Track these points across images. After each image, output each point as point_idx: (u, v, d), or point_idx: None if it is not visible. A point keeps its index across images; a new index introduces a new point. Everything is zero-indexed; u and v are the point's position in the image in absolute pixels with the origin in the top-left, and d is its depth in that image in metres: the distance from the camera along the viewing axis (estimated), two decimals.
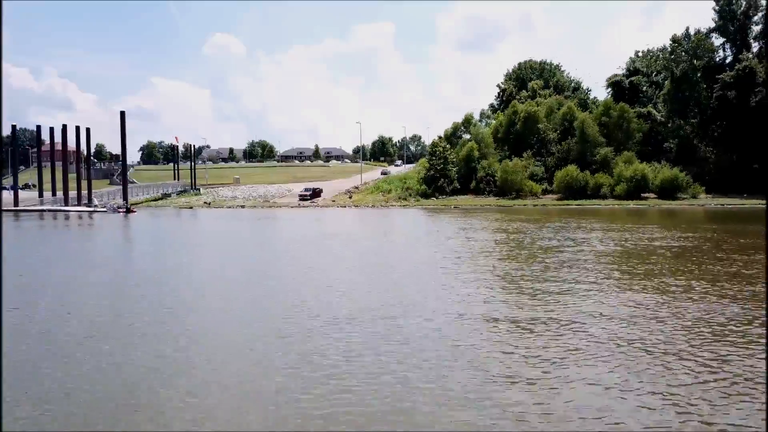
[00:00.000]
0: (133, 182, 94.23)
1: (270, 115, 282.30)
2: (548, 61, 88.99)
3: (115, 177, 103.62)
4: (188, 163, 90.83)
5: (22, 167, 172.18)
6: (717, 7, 57.90)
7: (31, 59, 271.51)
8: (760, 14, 56.69)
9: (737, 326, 9.66)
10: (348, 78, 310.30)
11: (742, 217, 35.95)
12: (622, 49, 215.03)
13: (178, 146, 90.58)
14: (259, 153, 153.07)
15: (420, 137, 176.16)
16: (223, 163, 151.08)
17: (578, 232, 26.74)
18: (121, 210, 50.67)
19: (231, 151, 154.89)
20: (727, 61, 56.45)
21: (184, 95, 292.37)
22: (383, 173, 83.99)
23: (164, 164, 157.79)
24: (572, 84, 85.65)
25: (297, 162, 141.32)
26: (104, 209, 53.09)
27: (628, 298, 12.04)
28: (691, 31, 60.77)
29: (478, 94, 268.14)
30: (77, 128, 63.64)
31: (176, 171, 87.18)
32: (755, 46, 57.37)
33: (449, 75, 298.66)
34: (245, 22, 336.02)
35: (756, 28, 57.65)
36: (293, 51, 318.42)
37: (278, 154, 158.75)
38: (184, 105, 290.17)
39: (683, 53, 58.58)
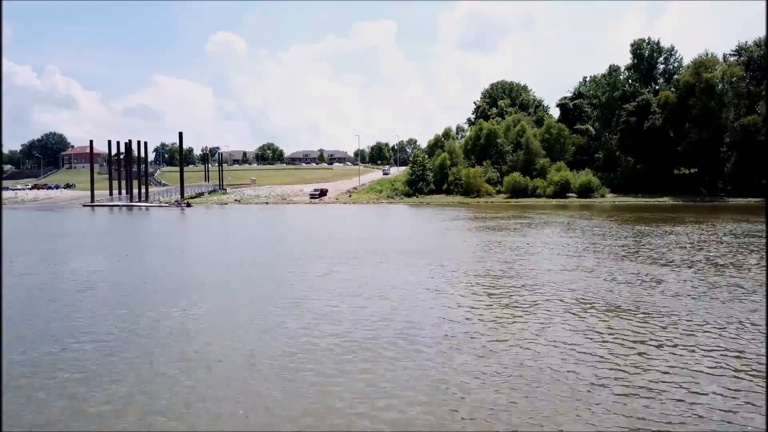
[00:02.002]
0: (166, 184, 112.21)
1: (272, 113, 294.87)
2: (516, 82, 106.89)
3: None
4: (205, 165, 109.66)
5: (52, 168, 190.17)
6: (631, 50, 75.56)
7: (34, 57, 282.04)
8: (662, 57, 74.39)
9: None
10: (349, 76, 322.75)
11: (622, 208, 53.35)
12: (623, 49, 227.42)
13: (207, 153, 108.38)
14: (270, 156, 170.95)
15: (416, 141, 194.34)
16: (237, 165, 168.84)
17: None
18: (182, 205, 68.33)
19: (244, 154, 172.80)
20: (637, 92, 73.99)
21: (187, 93, 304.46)
22: (384, 173, 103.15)
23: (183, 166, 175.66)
24: (534, 102, 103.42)
25: (304, 165, 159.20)
26: (167, 205, 70.84)
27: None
28: (623, 64, 78.77)
29: (478, 93, 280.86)
30: (138, 143, 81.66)
31: (206, 173, 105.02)
32: (660, 81, 75.06)
33: (450, 73, 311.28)
34: (247, 21, 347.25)
35: (661, 67, 75.36)
36: (295, 49, 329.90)
37: (286, 156, 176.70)
38: (187, 103, 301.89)
39: (606, 85, 76.32)
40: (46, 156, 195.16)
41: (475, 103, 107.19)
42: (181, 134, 76.29)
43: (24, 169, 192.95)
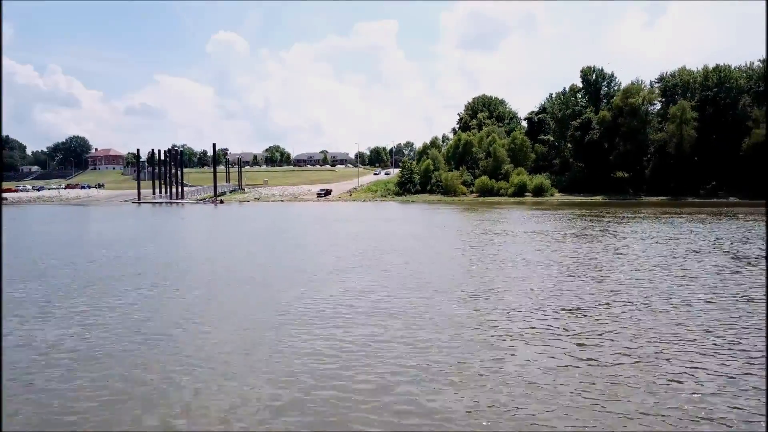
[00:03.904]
0: (190, 184, 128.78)
1: (273, 112, 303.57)
2: (495, 96, 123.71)
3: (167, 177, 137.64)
4: (220, 166, 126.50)
5: (77, 169, 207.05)
6: (581, 75, 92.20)
7: (36, 56, 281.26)
8: (605, 81, 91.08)
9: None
10: (350, 75, 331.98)
11: (564, 203, 69.78)
12: (622, 49, 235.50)
13: (227, 157, 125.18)
14: (278, 158, 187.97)
15: (413, 143, 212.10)
16: (247, 167, 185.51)
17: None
18: (216, 201, 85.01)
19: (255, 157, 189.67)
20: (583, 110, 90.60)
21: (188, 92, 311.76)
22: (386, 173, 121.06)
23: (199, 167, 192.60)
24: (509, 114, 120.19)
25: (309, 166, 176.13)
26: (202, 202, 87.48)
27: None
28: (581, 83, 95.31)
29: (479, 92, 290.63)
30: (174, 150, 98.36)
31: (227, 175, 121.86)
32: (604, 102, 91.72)
33: (451, 73, 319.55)
34: (249, 20, 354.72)
35: (605, 90, 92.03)
36: (296, 48, 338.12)
37: (293, 159, 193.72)
38: (188, 102, 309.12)
39: (561, 103, 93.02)
40: (71, 158, 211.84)
41: (458, 114, 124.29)
42: (214, 145, 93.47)
43: (51, 170, 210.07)
